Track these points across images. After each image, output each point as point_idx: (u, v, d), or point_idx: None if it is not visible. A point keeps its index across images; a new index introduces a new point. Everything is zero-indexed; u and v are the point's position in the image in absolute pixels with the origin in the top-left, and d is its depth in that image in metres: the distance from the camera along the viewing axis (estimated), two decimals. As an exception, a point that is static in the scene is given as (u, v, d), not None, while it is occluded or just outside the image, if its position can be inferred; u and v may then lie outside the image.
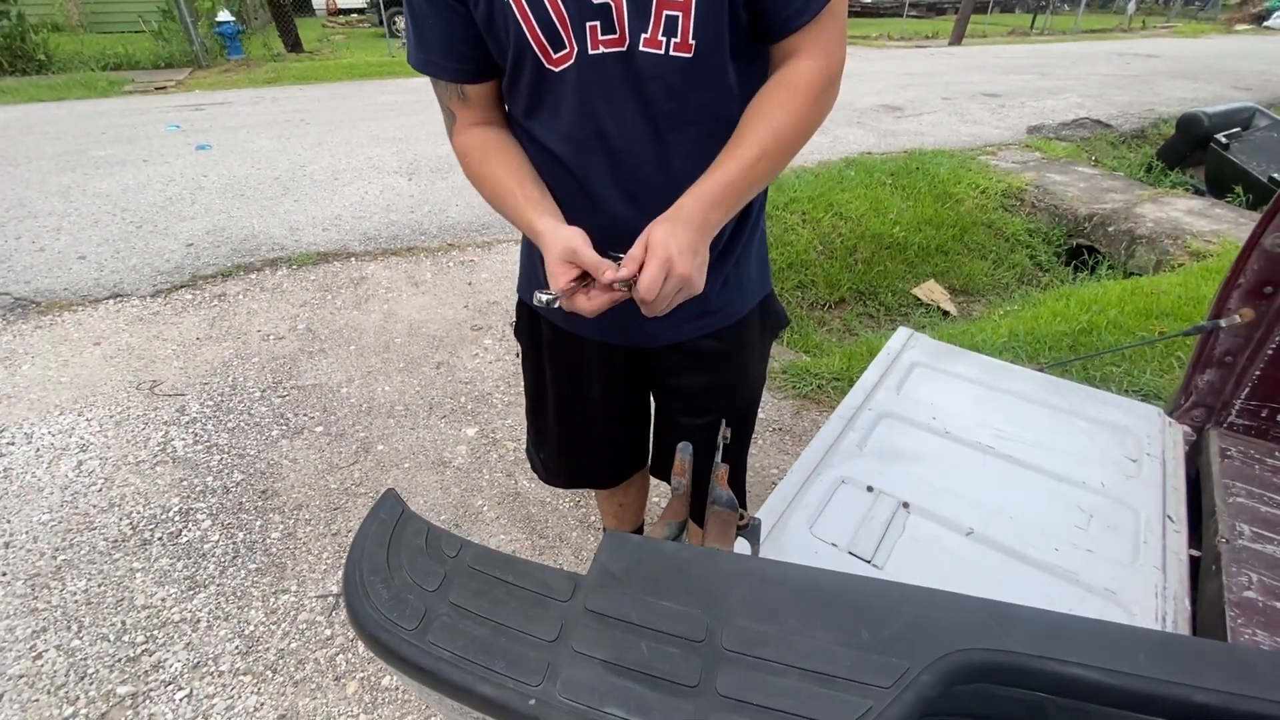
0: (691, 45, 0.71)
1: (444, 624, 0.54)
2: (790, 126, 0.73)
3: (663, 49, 0.71)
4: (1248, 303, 1.08)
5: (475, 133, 0.84)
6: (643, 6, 0.68)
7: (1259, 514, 0.95)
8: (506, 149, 0.83)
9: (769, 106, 0.73)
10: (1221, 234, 3.48)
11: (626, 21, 0.69)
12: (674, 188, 0.75)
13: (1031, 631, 0.49)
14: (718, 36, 0.72)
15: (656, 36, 0.70)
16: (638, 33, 0.70)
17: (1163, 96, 7.78)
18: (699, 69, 0.73)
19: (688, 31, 0.70)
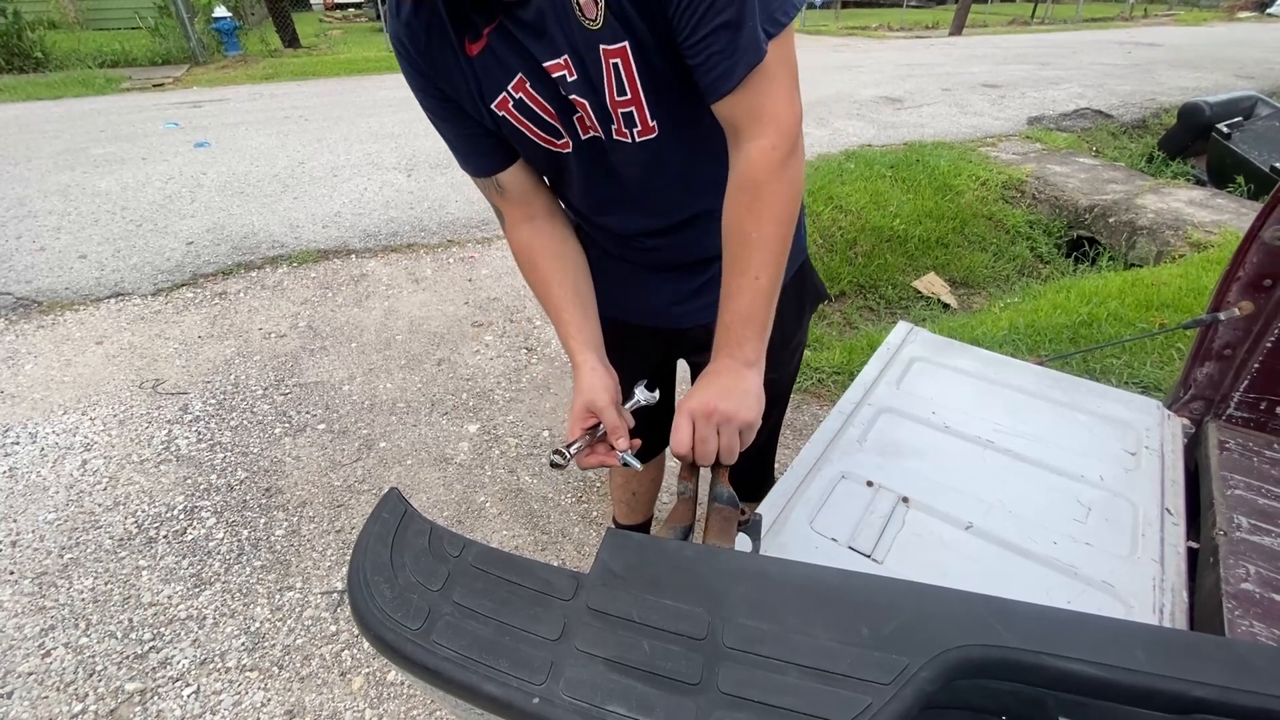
0: (654, 127, 0.76)
1: (448, 623, 0.54)
2: (770, 226, 0.73)
3: (629, 139, 0.77)
4: (1247, 295, 1.08)
5: (522, 234, 0.90)
6: (602, 111, 0.75)
7: (1257, 506, 0.96)
8: (549, 258, 0.90)
9: (740, 222, 0.74)
10: (1223, 224, 3.48)
11: (595, 121, 0.76)
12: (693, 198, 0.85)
13: (1030, 627, 0.50)
14: (678, 114, 0.76)
15: (621, 129, 0.76)
16: (606, 127, 0.77)
17: (1164, 86, 7.74)
18: (672, 139, 0.78)
19: (645, 119, 0.75)
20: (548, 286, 0.90)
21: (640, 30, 0.69)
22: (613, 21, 0.68)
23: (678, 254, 0.95)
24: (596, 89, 0.73)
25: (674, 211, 0.89)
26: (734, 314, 0.75)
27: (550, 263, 0.90)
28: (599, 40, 0.69)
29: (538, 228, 0.91)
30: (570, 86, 0.74)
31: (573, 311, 0.88)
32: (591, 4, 0.68)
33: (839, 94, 6.87)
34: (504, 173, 0.86)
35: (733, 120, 0.72)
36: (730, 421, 0.73)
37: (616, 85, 0.72)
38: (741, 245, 0.73)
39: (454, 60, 0.76)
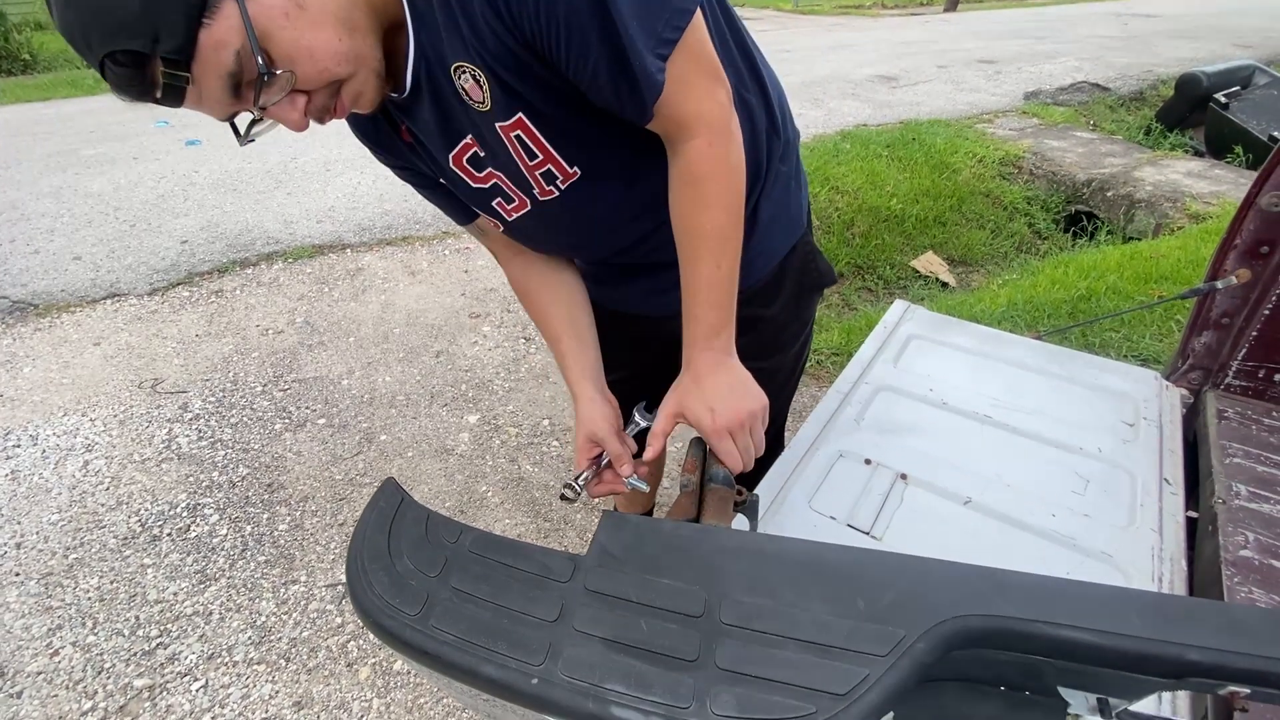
0: (575, 171, 0.75)
1: (446, 608, 0.54)
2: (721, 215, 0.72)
3: (555, 192, 0.77)
4: (1244, 263, 1.08)
5: (515, 269, 0.93)
6: (520, 179, 0.76)
7: (1256, 474, 0.96)
8: (541, 289, 0.93)
9: (691, 216, 0.73)
10: (1221, 195, 3.45)
11: (517, 190, 0.78)
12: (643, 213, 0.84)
13: (1026, 596, 0.50)
14: (593, 148, 0.75)
15: (544, 189, 0.76)
16: (529, 193, 0.78)
17: (1162, 57, 7.67)
18: (598, 172, 0.77)
19: (564, 169, 0.74)
20: (544, 319, 0.92)
21: (529, 96, 0.68)
22: (500, 98, 0.67)
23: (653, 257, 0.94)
24: (507, 161, 0.74)
25: (627, 232, 0.88)
26: (704, 305, 0.75)
27: (543, 294, 0.92)
28: (494, 120, 0.69)
29: (528, 262, 0.93)
30: (484, 162, 0.76)
31: (569, 342, 0.90)
32: (475, 88, 0.67)
33: (834, 74, 6.81)
34: (481, 217, 0.88)
35: (664, 134, 0.72)
36: (757, 416, 0.75)
37: (525, 153, 0.73)
38: (697, 238, 0.73)
39: (399, 143, 0.81)
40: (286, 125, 0.65)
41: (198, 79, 0.57)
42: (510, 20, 0.60)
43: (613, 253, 0.91)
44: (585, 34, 0.60)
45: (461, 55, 0.65)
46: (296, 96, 0.62)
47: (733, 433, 0.74)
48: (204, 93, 0.58)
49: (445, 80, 0.68)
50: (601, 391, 0.87)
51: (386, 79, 0.69)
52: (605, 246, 0.89)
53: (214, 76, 0.57)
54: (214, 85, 0.57)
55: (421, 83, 0.69)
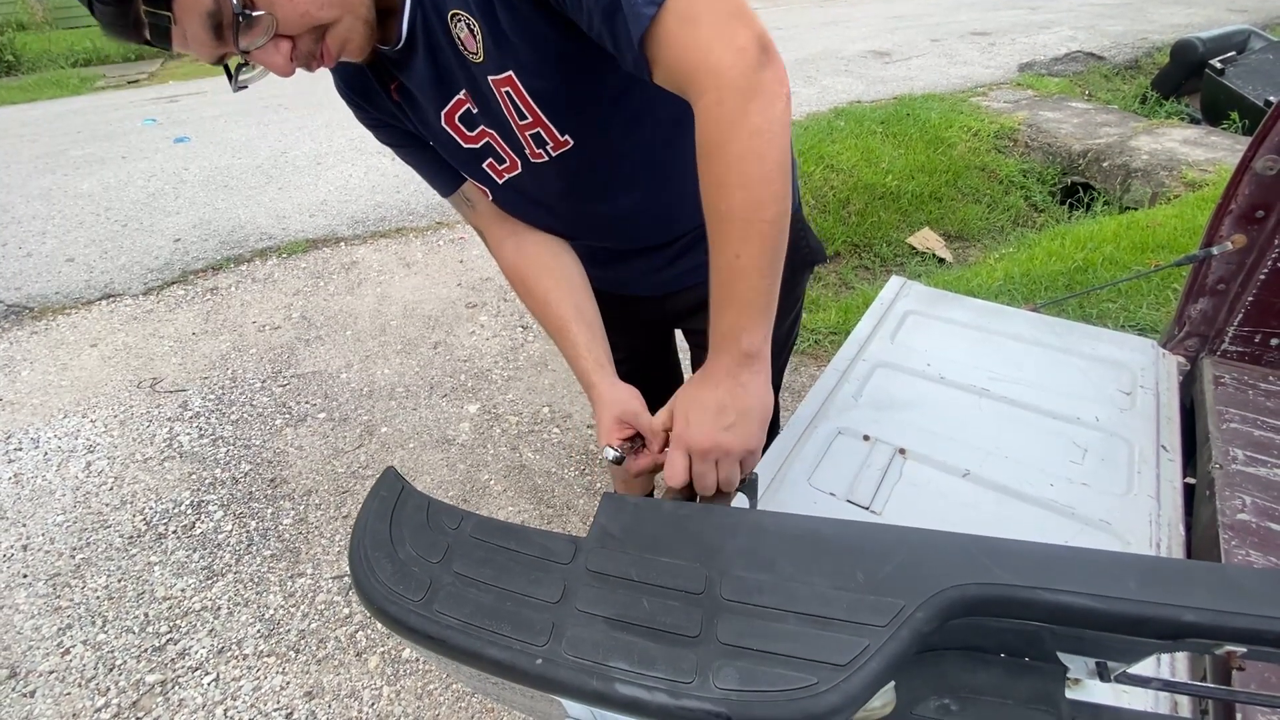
0: (567, 141, 0.74)
1: (450, 593, 0.55)
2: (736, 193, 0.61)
3: (545, 157, 0.76)
4: (1239, 228, 1.07)
5: (507, 251, 0.88)
6: (511, 139, 0.75)
7: (1252, 438, 0.96)
8: (541, 275, 0.86)
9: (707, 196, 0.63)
10: (1217, 162, 3.43)
11: (508, 150, 0.76)
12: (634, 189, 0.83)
13: (1024, 564, 0.50)
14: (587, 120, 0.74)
15: (534, 150, 0.75)
16: (520, 154, 0.76)
17: (1157, 23, 7.58)
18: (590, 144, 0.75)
19: (555, 136, 0.73)
20: (546, 306, 0.85)
21: (522, 54, 0.66)
22: (493, 51, 0.66)
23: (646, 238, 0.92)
24: (499, 118, 0.73)
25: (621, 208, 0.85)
26: (722, 302, 0.64)
27: (544, 281, 0.86)
28: (486, 72, 0.68)
29: (522, 243, 0.87)
30: (477, 119, 0.74)
31: (579, 331, 0.83)
32: (470, 38, 0.66)
33: (826, 50, 6.74)
34: (468, 185, 0.85)
35: (675, 90, 0.62)
36: (729, 455, 0.66)
37: (515, 111, 0.71)
38: (714, 222, 0.63)
39: (386, 102, 0.79)
40: (272, 70, 0.65)
41: (179, 18, 0.57)
42: None
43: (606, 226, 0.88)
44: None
45: (458, 2, 0.65)
46: (280, 41, 0.62)
47: (692, 454, 0.66)
48: (188, 33, 0.58)
49: (441, 30, 0.67)
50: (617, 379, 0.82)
51: (378, 29, 0.68)
52: (597, 221, 0.87)
53: (194, 15, 0.57)
54: (195, 25, 0.57)
55: (417, 33, 0.68)
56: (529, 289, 0.87)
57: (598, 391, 0.80)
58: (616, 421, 0.77)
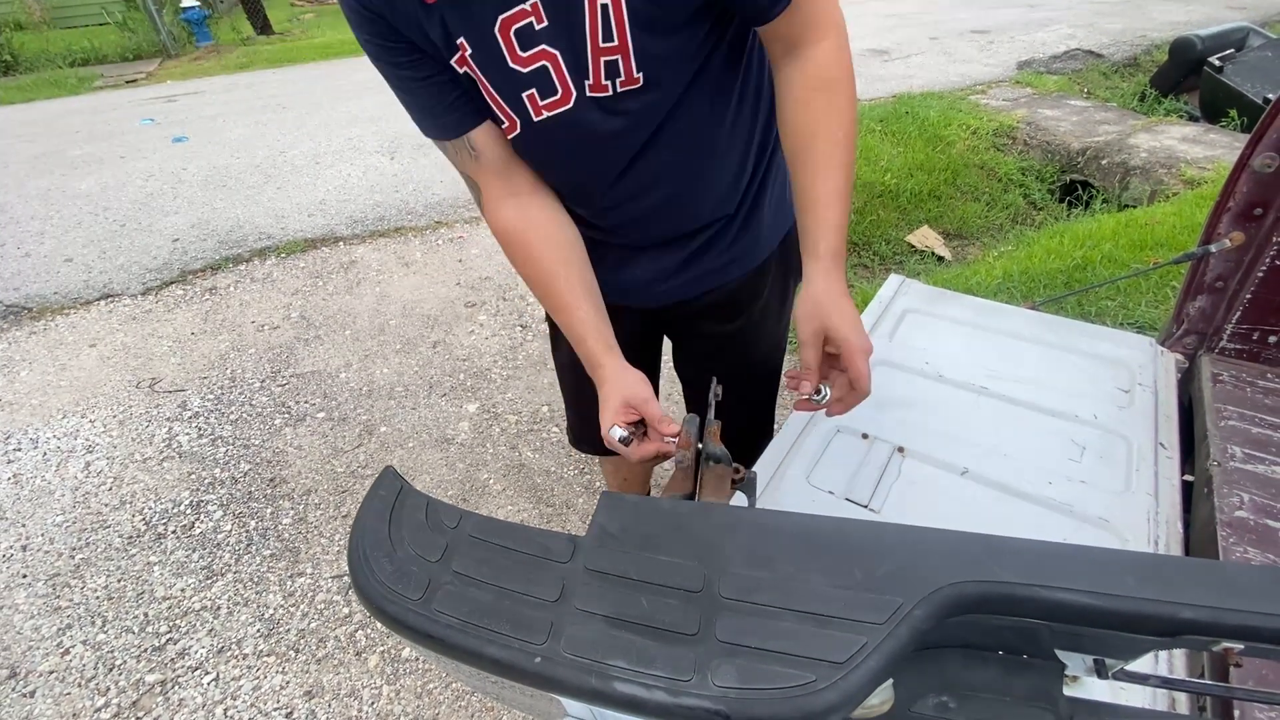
0: (639, 79, 0.68)
1: (448, 592, 0.55)
2: (851, 124, 0.71)
3: (610, 91, 0.69)
4: (1238, 226, 1.07)
5: (507, 213, 0.79)
6: (578, 61, 0.67)
7: (1250, 435, 0.96)
8: (545, 244, 0.79)
9: (824, 122, 0.70)
10: (1216, 159, 3.43)
11: (568, 78, 0.68)
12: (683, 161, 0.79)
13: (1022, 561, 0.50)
14: (668, 64, 0.69)
15: (599, 82, 0.68)
16: (580, 81, 0.69)
17: (1155, 21, 7.59)
18: (659, 92, 0.71)
19: (630, 69, 0.68)
20: (550, 281, 0.79)
21: None
22: None
23: (664, 228, 0.88)
24: (575, 34, 0.64)
25: (661, 179, 0.80)
26: (829, 221, 0.71)
27: (548, 251, 0.79)
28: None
29: (524, 205, 0.79)
30: (539, 36, 0.65)
31: (588, 310, 0.80)
32: None
33: (824, 49, 6.72)
34: (477, 131, 0.74)
35: (788, 35, 0.68)
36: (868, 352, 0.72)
37: (603, 29, 0.63)
38: (831, 145, 0.69)
39: (416, 7, 0.67)
40: None
41: None
42: None
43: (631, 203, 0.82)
44: None
45: None
46: None
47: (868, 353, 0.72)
48: None
49: None
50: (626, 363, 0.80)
51: None
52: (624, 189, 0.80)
53: None
54: None
55: None
56: (531, 256, 0.80)
57: (606, 373, 0.78)
58: (624, 405, 0.76)
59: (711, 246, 0.91)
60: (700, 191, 0.84)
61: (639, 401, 0.76)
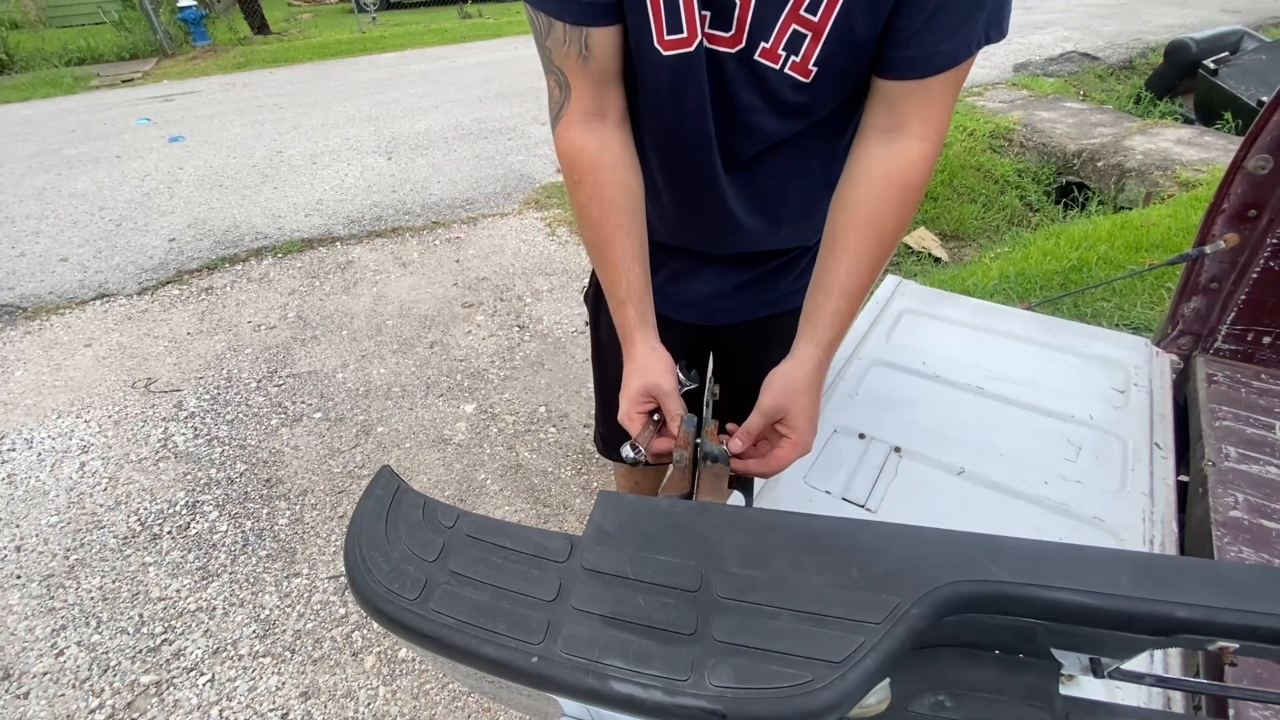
0: (811, 71, 0.63)
1: (445, 591, 0.55)
2: (902, 229, 0.68)
3: (779, 64, 0.63)
4: (1232, 227, 1.08)
5: (590, 137, 0.70)
6: (769, 10, 0.60)
7: (1245, 436, 0.97)
8: (617, 187, 0.71)
9: (881, 213, 0.66)
10: (1211, 162, 3.45)
11: (748, 24, 0.61)
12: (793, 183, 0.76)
13: (1017, 561, 0.50)
14: (842, 69, 0.64)
15: (776, 50, 0.62)
16: (755, 38, 0.62)
17: (1150, 24, 7.61)
18: (818, 100, 0.67)
19: (811, 55, 0.62)
20: (612, 225, 0.71)
21: None
22: None
23: (740, 243, 0.84)
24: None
25: (767, 190, 0.77)
26: (840, 312, 0.68)
27: (619, 193, 0.71)
28: None
29: (607, 134, 0.70)
30: None
31: (638, 272, 0.73)
32: None
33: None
34: (603, 29, 0.64)
35: (901, 110, 0.64)
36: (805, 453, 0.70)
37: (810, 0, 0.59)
38: (877, 239, 0.67)
39: None
40: None
41: None
42: None
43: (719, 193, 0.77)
44: None
45: None
46: None
47: (804, 450, 0.70)
48: None
49: None
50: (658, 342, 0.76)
51: None
52: (719, 182, 0.76)
53: None
54: None
55: None
56: (600, 191, 0.70)
57: (635, 351, 0.74)
58: (644, 392, 0.72)
59: (781, 273, 0.90)
60: (785, 216, 0.83)
61: (660, 394, 0.72)
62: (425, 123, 5.25)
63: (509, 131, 4.94)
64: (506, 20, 10.46)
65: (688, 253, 0.89)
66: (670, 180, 0.80)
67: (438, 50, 8.53)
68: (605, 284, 0.76)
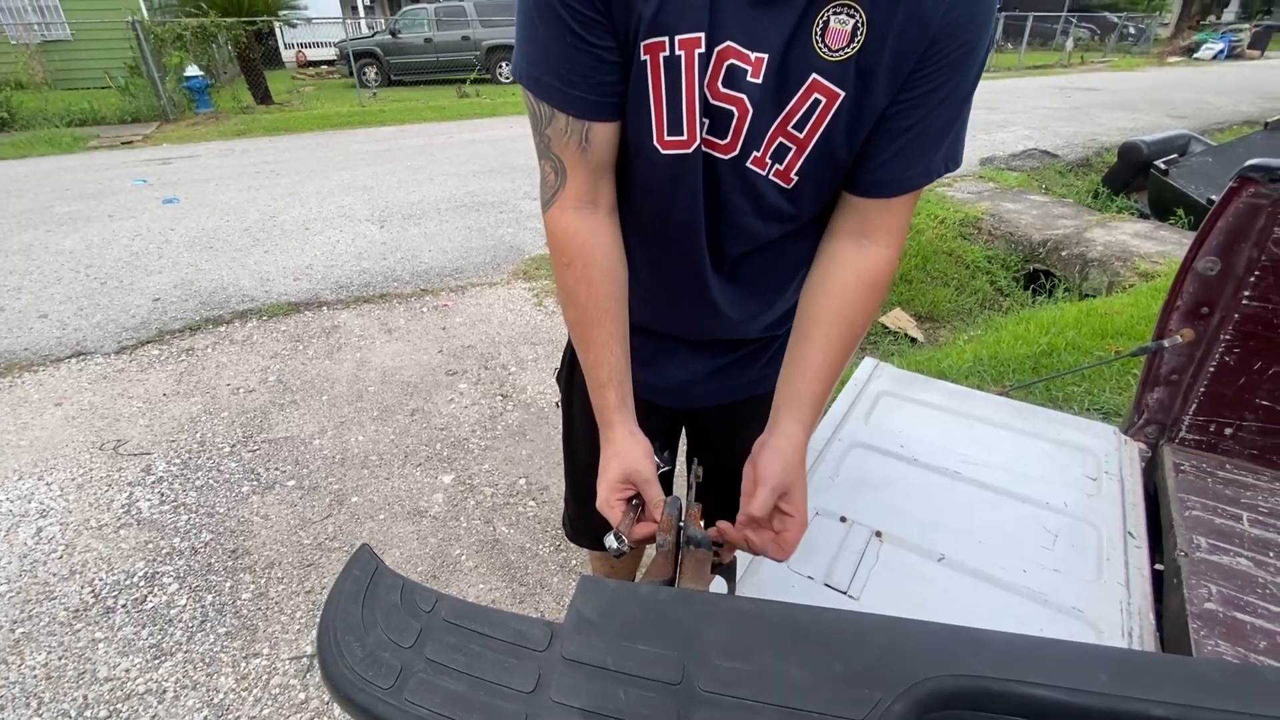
0: (793, 180, 0.70)
1: (420, 680, 0.53)
2: (865, 327, 0.75)
3: (765, 170, 0.70)
4: (1187, 323, 1.14)
5: (582, 224, 0.73)
6: (759, 129, 0.66)
7: (1214, 526, 0.99)
8: (606, 274, 0.75)
9: (853, 309, 0.73)
10: (1167, 254, 3.65)
11: (743, 135, 0.67)
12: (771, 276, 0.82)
13: (997, 656, 0.51)
14: (819, 181, 0.71)
15: (764, 158, 0.69)
16: (747, 148, 0.68)
17: (1104, 126, 8.20)
18: (791, 202, 0.73)
19: (794, 165, 0.69)
20: (599, 310, 0.75)
21: (874, 90, 0.63)
22: (852, 66, 0.62)
23: (717, 329, 0.89)
24: (774, 105, 0.65)
25: (749, 284, 0.83)
26: (819, 396, 0.74)
27: (607, 280, 0.75)
28: (820, 71, 0.62)
29: (599, 222, 0.74)
30: (744, 86, 0.64)
31: (619, 355, 0.77)
32: (844, 35, 0.61)
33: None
34: (602, 124, 0.68)
35: (869, 220, 0.72)
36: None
37: (799, 118, 0.65)
38: (849, 330, 0.73)
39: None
40: None
41: None
42: (944, 15, 0.60)
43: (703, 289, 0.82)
44: (956, 82, 0.64)
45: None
46: None
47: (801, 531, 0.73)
48: None
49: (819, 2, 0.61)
50: (637, 427, 0.77)
51: None
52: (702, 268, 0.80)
53: None
54: None
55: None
56: (589, 275, 0.74)
57: (614, 434, 0.76)
58: (623, 478, 0.73)
59: (754, 359, 0.94)
60: (773, 309, 0.88)
61: (640, 480, 0.73)
62: (419, 194, 5.40)
63: (501, 205, 5.09)
64: (502, 101, 10.97)
65: (664, 336, 0.92)
66: (654, 267, 0.83)
67: (435, 126, 8.87)
68: (586, 366, 0.78)
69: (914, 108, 0.65)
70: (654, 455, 0.77)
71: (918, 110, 0.65)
